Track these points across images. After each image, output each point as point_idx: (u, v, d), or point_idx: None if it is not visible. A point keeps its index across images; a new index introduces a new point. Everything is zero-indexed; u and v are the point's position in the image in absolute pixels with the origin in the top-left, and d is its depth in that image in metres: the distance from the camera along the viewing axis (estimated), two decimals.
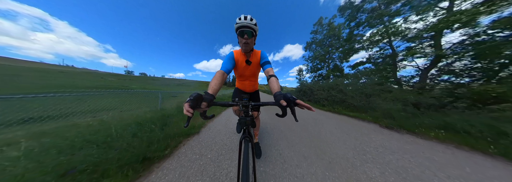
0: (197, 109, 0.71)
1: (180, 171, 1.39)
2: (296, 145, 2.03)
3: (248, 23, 1.03)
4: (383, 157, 1.74)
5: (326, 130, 2.72)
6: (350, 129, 2.87)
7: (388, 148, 1.98)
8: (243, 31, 1.06)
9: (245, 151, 0.82)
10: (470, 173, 1.48)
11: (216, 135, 2.38)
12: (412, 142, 2.22)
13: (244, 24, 1.03)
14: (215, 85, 0.91)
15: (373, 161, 1.64)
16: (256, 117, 1.57)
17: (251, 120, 0.90)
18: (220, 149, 1.87)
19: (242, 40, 1.11)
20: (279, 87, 0.95)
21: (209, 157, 1.66)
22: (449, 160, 1.73)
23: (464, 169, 1.54)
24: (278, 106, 0.75)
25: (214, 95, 0.81)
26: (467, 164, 1.65)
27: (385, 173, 1.44)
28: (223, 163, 1.55)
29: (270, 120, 3.35)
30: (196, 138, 2.24)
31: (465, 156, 1.84)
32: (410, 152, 1.88)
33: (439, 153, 1.89)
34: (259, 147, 1.75)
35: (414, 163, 1.63)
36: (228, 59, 1.21)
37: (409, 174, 1.43)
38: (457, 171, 1.50)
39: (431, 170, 1.50)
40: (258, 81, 1.71)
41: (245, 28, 1.05)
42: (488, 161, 1.72)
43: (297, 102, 0.73)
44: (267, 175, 1.37)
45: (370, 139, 2.30)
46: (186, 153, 1.73)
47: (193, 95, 0.70)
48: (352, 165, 1.55)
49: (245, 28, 1.05)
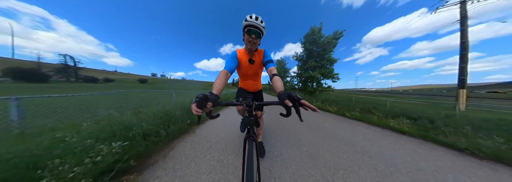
0: (204, 109, 0.72)
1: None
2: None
3: (257, 24, 1.05)
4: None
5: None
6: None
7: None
8: (250, 30, 1.08)
9: (249, 150, 0.83)
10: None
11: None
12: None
13: (253, 24, 1.05)
14: (219, 84, 0.92)
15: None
16: (260, 116, 1.59)
17: (255, 120, 0.90)
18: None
19: (249, 38, 1.13)
20: (283, 86, 0.95)
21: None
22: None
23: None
24: (283, 105, 0.75)
25: (218, 95, 0.83)
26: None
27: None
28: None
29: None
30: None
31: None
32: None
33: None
34: (263, 147, 1.77)
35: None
36: (231, 58, 1.21)
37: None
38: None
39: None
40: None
41: (253, 27, 1.07)
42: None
43: (301, 102, 0.72)
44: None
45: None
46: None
47: (199, 96, 0.72)
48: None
49: (253, 28, 1.07)
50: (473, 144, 1.99)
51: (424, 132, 2.54)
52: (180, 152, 1.84)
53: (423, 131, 2.60)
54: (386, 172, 1.45)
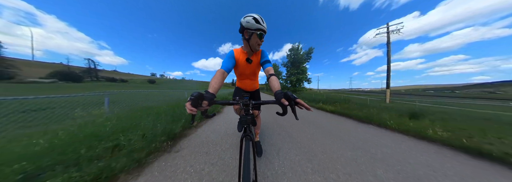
0: (199, 108, 0.72)
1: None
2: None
3: (264, 27, 1.10)
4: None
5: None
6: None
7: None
8: (262, 34, 1.12)
9: (246, 149, 0.83)
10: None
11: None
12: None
13: (262, 28, 1.09)
14: (216, 84, 0.93)
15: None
16: (257, 115, 1.54)
17: (251, 119, 0.89)
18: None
19: (258, 42, 1.16)
20: (280, 86, 0.97)
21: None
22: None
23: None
24: (279, 104, 0.76)
25: (214, 94, 0.83)
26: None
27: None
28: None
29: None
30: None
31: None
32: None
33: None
34: (260, 146, 1.77)
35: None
36: (228, 58, 1.21)
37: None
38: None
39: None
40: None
41: (262, 31, 1.11)
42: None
43: (297, 101, 0.74)
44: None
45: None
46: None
47: (194, 94, 0.72)
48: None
49: (262, 31, 1.11)
50: (378, 118, 3.36)
51: (347, 111, 4.44)
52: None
53: (346, 110, 4.57)
54: (320, 128, 3.10)
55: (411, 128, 2.57)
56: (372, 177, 1.32)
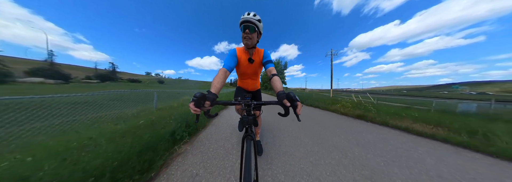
0: (201, 108, 0.73)
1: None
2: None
3: (250, 18, 1.07)
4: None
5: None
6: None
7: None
8: (245, 25, 1.09)
9: (247, 149, 0.83)
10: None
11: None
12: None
13: (247, 19, 1.07)
14: (218, 83, 0.92)
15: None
16: (258, 116, 1.47)
17: (253, 119, 0.89)
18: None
19: (243, 34, 1.13)
20: (282, 87, 0.96)
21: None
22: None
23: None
24: (281, 105, 0.76)
25: (216, 94, 0.83)
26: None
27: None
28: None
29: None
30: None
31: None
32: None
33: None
34: (260, 145, 1.81)
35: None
36: (230, 56, 1.20)
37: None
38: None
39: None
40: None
41: (247, 22, 1.08)
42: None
43: (296, 104, 0.74)
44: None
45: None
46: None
47: (197, 95, 0.73)
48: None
49: (247, 23, 1.08)
50: (316, 104, 6.49)
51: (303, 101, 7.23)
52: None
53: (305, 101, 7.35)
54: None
55: (328, 107, 5.45)
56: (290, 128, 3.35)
